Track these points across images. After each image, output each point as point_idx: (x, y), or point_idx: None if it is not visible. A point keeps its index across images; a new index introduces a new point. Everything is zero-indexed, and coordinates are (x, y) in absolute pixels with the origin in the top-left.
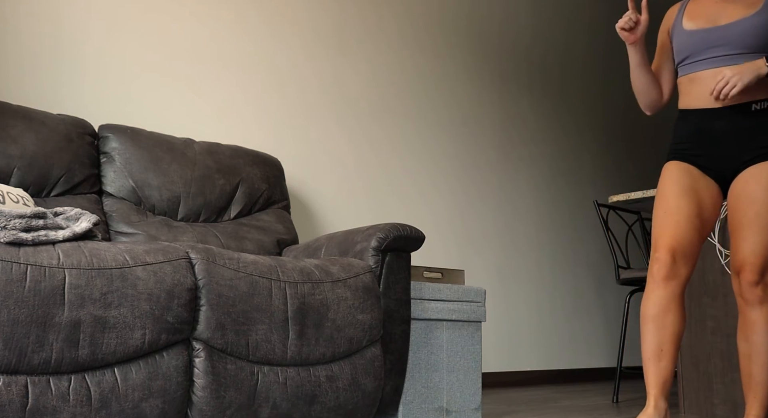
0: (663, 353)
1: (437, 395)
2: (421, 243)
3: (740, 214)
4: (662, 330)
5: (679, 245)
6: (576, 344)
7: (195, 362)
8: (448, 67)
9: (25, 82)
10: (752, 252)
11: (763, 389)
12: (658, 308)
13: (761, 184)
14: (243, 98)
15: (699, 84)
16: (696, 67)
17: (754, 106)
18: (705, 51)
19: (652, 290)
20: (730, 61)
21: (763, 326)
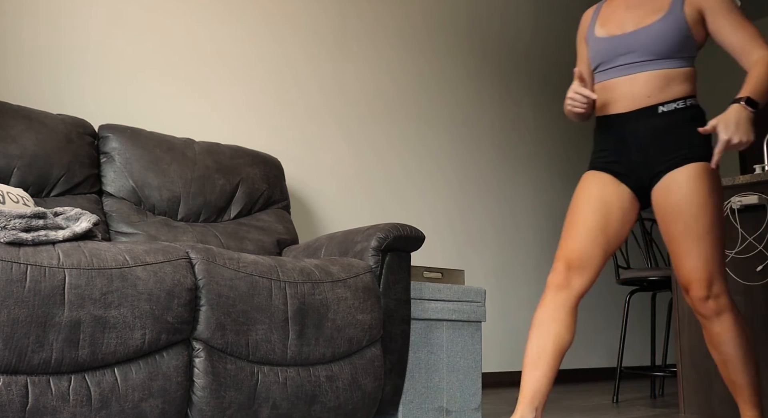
0: (540, 361)
1: (437, 395)
2: (421, 243)
3: (671, 227)
4: (545, 338)
5: (576, 258)
6: (576, 344)
7: (195, 362)
8: (448, 67)
9: (25, 82)
10: (694, 267)
11: (748, 391)
12: (545, 315)
13: (682, 193)
14: (243, 98)
15: (611, 91)
16: (608, 75)
17: (661, 108)
18: (616, 58)
19: (544, 297)
20: (641, 68)
21: (728, 336)
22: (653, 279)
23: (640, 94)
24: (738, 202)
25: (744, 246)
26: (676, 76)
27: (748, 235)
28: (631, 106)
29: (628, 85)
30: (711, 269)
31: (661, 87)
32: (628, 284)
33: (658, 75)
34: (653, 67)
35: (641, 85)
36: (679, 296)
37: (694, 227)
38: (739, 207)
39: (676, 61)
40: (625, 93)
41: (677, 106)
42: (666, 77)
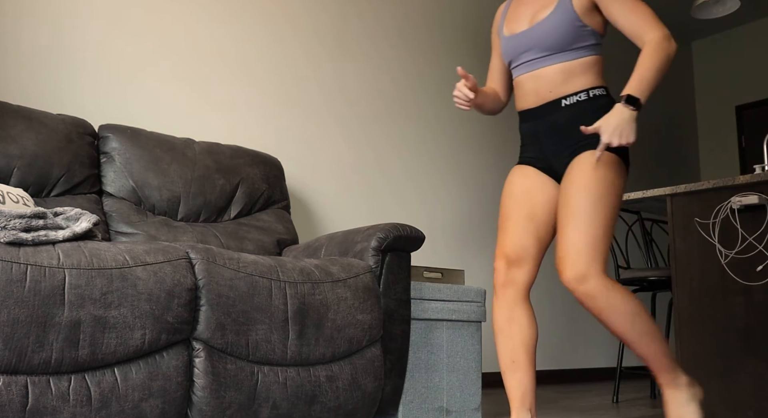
0: (516, 364)
1: (437, 395)
2: (421, 243)
3: (561, 209)
4: (510, 340)
5: (512, 251)
6: (576, 344)
7: (195, 362)
8: (448, 67)
9: (25, 82)
10: (564, 247)
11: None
12: (502, 319)
13: (572, 176)
14: (243, 98)
15: (521, 88)
16: (517, 72)
17: (564, 101)
18: (520, 56)
19: (495, 300)
20: (541, 64)
21: (607, 316)
22: (653, 279)
23: (542, 89)
24: (738, 202)
25: (744, 246)
26: (577, 67)
27: (748, 235)
28: (537, 101)
29: (532, 82)
30: (581, 249)
31: (563, 80)
32: (628, 284)
33: (557, 69)
34: (553, 62)
35: (543, 80)
36: (679, 296)
37: (573, 206)
38: (739, 207)
39: (574, 53)
40: (530, 89)
41: (579, 98)
42: (566, 70)
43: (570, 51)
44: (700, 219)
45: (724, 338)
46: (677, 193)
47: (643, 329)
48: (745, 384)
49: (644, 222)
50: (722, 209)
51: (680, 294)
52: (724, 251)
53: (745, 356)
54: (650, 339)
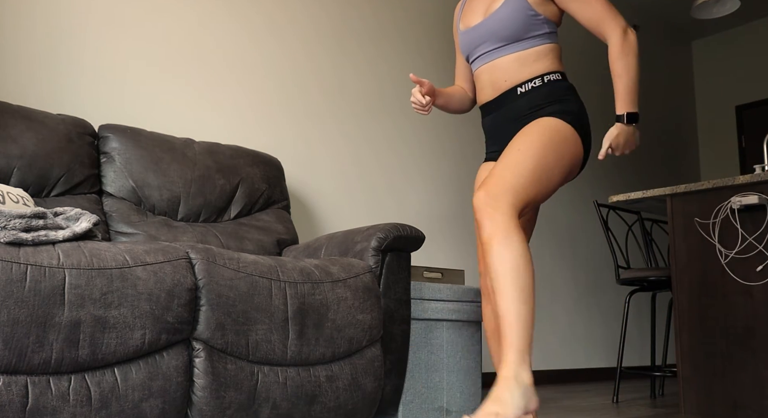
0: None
1: (437, 395)
2: (421, 243)
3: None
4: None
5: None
6: (576, 344)
7: (195, 362)
8: (448, 67)
9: (24, 83)
10: (485, 182)
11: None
12: (492, 323)
13: (521, 133)
14: (243, 98)
15: (479, 80)
16: (475, 66)
17: (519, 89)
18: (476, 49)
19: (483, 304)
20: (495, 55)
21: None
22: (653, 279)
23: (498, 80)
24: (738, 202)
25: (744, 246)
26: (531, 55)
27: (748, 235)
28: (493, 93)
29: (488, 73)
30: (499, 184)
31: (517, 69)
32: (628, 284)
33: (511, 59)
34: (506, 52)
35: (498, 71)
36: (679, 296)
37: (507, 153)
38: (739, 207)
39: (528, 42)
40: (487, 81)
41: (534, 84)
42: (520, 59)
43: (524, 40)
44: (700, 219)
45: (724, 338)
46: (677, 193)
47: (525, 283)
48: (745, 384)
49: (644, 222)
50: (722, 208)
51: (680, 294)
52: (724, 251)
53: (745, 356)
54: (524, 300)
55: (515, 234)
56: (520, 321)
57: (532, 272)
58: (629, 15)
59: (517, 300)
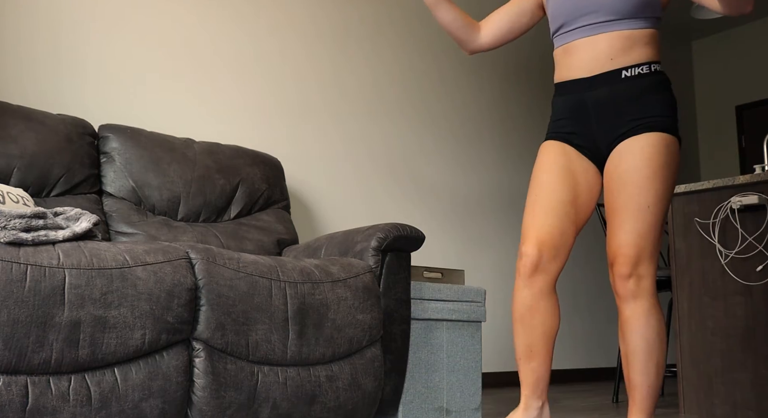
0: (533, 353)
1: (437, 395)
2: (421, 243)
3: (613, 197)
4: (530, 330)
5: (549, 237)
6: (576, 344)
7: (195, 362)
8: (447, 67)
9: (25, 82)
10: (625, 242)
11: (642, 392)
12: (524, 308)
13: (634, 162)
14: (243, 98)
15: (572, 55)
16: (570, 37)
17: (624, 72)
18: (578, 19)
19: (519, 288)
20: (603, 29)
21: (639, 324)
22: None
23: (602, 56)
24: (738, 202)
25: (744, 246)
26: (641, 37)
27: (748, 235)
28: (593, 70)
29: (590, 48)
30: (642, 245)
31: (625, 49)
32: None
33: (621, 36)
34: (617, 28)
35: (603, 46)
36: (679, 296)
37: (636, 198)
38: (739, 207)
39: (640, 22)
40: (586, 56)
41: (641, 70)
42: (630, 38)
43: (637, 19)
44: (700, 219)
45: (724, 338)
46: (677, 193)
47: (657, 356)
48: (745, 384)
49: None
50: (722, 208)
51: (680, 294)
52: (724, 251)
53: (745, 356)
54: (656, 370)
55: (656, 311)
56: (645, 388)
57: (665, 345)
58: None
59: (646, 373)
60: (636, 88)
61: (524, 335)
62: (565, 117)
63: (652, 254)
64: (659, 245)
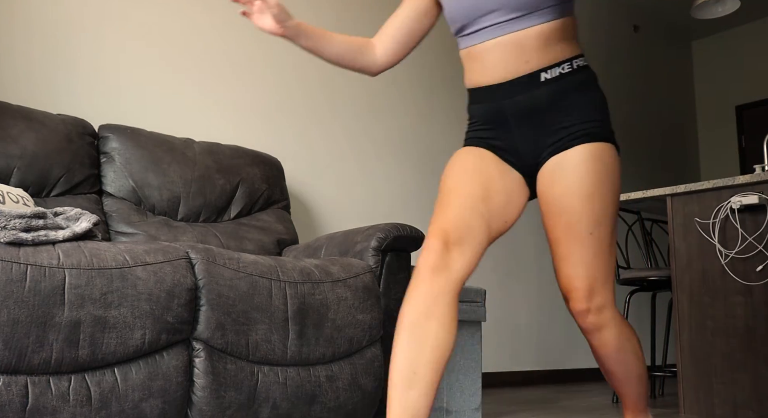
0: (416, 378)
1: (437, 395)
2: (421, 243)
3: (552, 223)
4: (418, 344)
5: (454, 229)
6: (576, 344)
7: (195, 362)
8: (449, 67)
9: (25, 83)
10: (574, 275)
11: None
12: (417, 312)
13: (568, 182)
14: (243, 98)
15: (481, 59)
16: (474, 40)
17: (544, 75)
18: (480, 19)
19: (415, 286)
20: (510, 28)
21: (609, 350)
22: (653, 279)
23: (515, 59)
24: (738, 202)
25: (744, 246)
26: (555, 31)
27: (748, 235)
28: (507, 75)
29: (500, 50)
30: (592, 275)
31: (539, 48)
32: (628, 284)
33: (534, 33)
34: (525, 25)
35: (515, 48)
36: (679, 296)
37: (576, 226)
38: (739, 207)
39: (550, 12)
40: (497, 60)
41: (562, 70)
42: (542, 35)
43: (546, 9)
44: (700, 219)
45: (724, 338)
46: (677, 193)
47: (637, 370)
48: (745, 384)
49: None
50: (722, 208)
51: (680, 294)
52: (724, 251)
53: (745, 356)
54: (641, 382)
55: (623, 321)
56: (640, 399)
57: (642, 357)
58: (629, 15)
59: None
60: (558, 92)
61: (408, 349)
62: (483, 123)
63: (606, 279)
64: (613, 265)
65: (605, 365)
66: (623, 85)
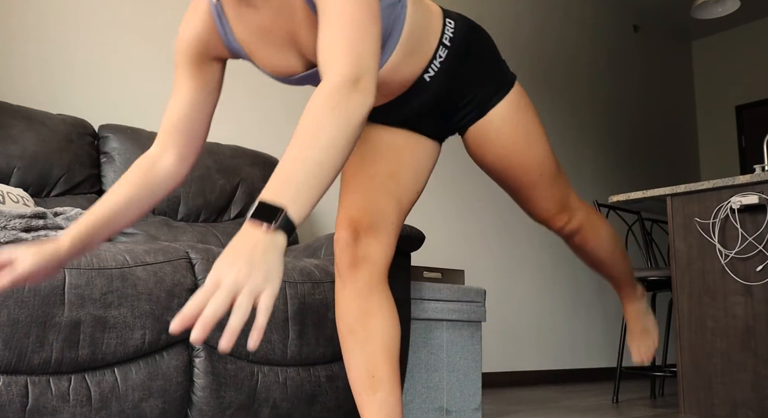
0: (377, 379)
1: (437, 395)
2: (421, 243)
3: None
4: (367, 345)
5: (363, 215)
6: (576, 344)
7: (195, 362)
8: None
9: (24, 82)
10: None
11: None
12: (352, 315)
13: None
14: (243, 98)
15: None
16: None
17: (426, 76)
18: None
19: (340, 289)
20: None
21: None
22: (653, 279)
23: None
24: (738, 202)
25: (744, 246)
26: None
27: (748, 235)
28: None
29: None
30: (557, 200)
31: (408, 63)
32: None
33: (396, 58)
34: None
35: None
36: (679, 296)
37: (525, 176)
38: (739, 207)
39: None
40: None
41: (441, 57)
42: (402, 49)
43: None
44: (700, 219)
45: (724, 338)
46: (677, 193)
47: (620, 247)
48: (745, 384)
49: (644, 222)
50: (722, 208)
51: (680, 294)
52: (724, 251)
53: (745, 356)
54: (624, 257)
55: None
56: (626, 274)
57: (619, 237)
58: (629, 15)
59: (620, 263)
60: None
61: (360, 353)
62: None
63: (567, 194)
64: (565, 177)
65: (591, 256)
66: (623, 85)
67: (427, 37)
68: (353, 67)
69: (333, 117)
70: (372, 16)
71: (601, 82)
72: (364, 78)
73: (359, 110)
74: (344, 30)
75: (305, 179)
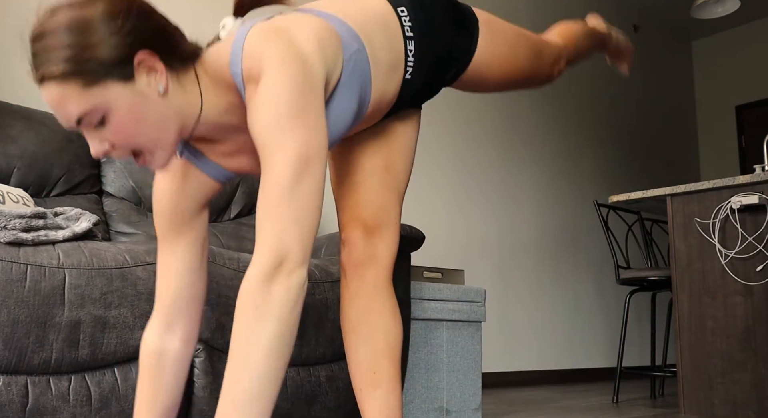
0: (378, 377)
1: (437, 395)
2: (421, 243)
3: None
4: (370, 342)
5: (370, 214)
6: (576, 344)
7: (195, 362)
8: None
9: (24, 83)
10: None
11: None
12: (357, 314)
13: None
14: None
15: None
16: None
17: (408, 75)
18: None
19: (346, 286)
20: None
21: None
22: (653, 279)
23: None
24: (738, 202)
25: (744, 246)
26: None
27: (748, 235)
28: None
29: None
30: (554, 57)
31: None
32: (628, 284)
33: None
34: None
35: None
36: (679, 296)
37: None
38: (739, 207)
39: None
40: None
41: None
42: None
43: None
44: (700, 219)
45: (724, 338)
46: (677, 193)
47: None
48: (745, 384)
49: (644, 222)
50: (722, 208)
51: (680, 294)
52: (724, 251)
53: (745, 356)
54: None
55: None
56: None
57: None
58: (629, 15)
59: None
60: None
61: (363, 350)
62: None
63: (552, 46)
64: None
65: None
66: (625, 84)
67: (394, 43)
68: (274, 252)
69: (259, 322)
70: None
71: (602, 82)
72: (288, 258)
73: (285, 297)
74: (269, 205)
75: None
